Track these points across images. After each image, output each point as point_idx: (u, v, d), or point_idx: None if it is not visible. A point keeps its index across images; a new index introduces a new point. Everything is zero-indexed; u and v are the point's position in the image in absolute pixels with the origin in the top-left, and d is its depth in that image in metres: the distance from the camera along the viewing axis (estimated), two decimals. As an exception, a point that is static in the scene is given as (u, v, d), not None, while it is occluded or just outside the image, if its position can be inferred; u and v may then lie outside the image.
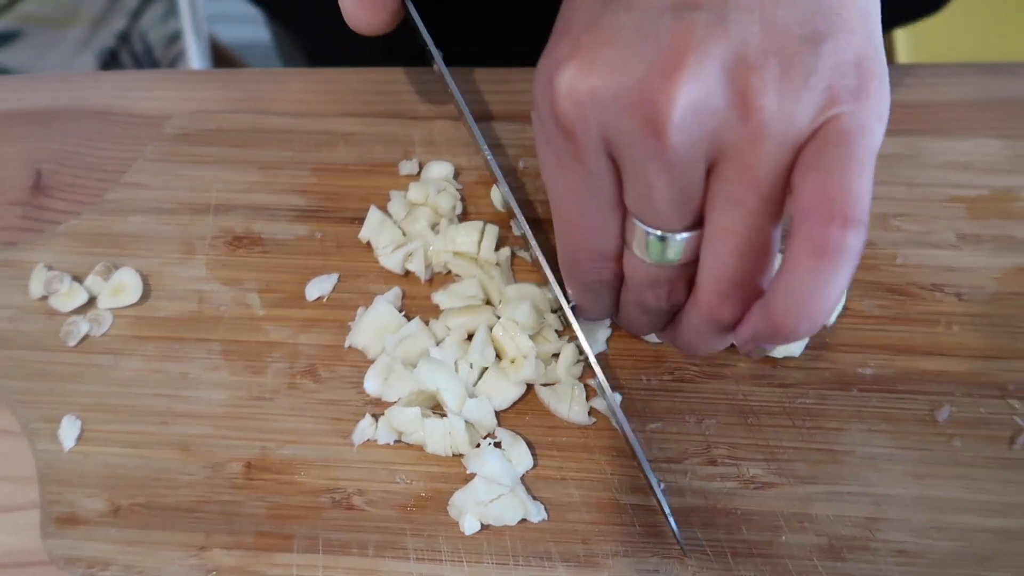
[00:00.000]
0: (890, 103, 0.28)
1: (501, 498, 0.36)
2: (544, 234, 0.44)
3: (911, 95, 0.48)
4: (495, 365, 0.39)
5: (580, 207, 0.32)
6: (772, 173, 0.28)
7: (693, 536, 0.36)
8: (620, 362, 0.40)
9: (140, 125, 0.48)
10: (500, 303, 0.41)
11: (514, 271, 0.43)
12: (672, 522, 0.35)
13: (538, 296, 0.41)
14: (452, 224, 0.43)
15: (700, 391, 0.40)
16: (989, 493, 0.37)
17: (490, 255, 0.42)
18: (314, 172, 0.46)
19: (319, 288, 0.42)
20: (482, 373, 0.39)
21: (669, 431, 0.39)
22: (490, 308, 0.41)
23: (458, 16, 0.54)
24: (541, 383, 0.39)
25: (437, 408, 0.39)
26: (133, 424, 0.39)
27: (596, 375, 0.37)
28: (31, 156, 0.48)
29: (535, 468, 0.38)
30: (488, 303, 0.41)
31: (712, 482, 0.37)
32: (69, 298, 0.42)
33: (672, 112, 0.27)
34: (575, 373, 0.40)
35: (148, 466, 0.38)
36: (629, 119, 0.28)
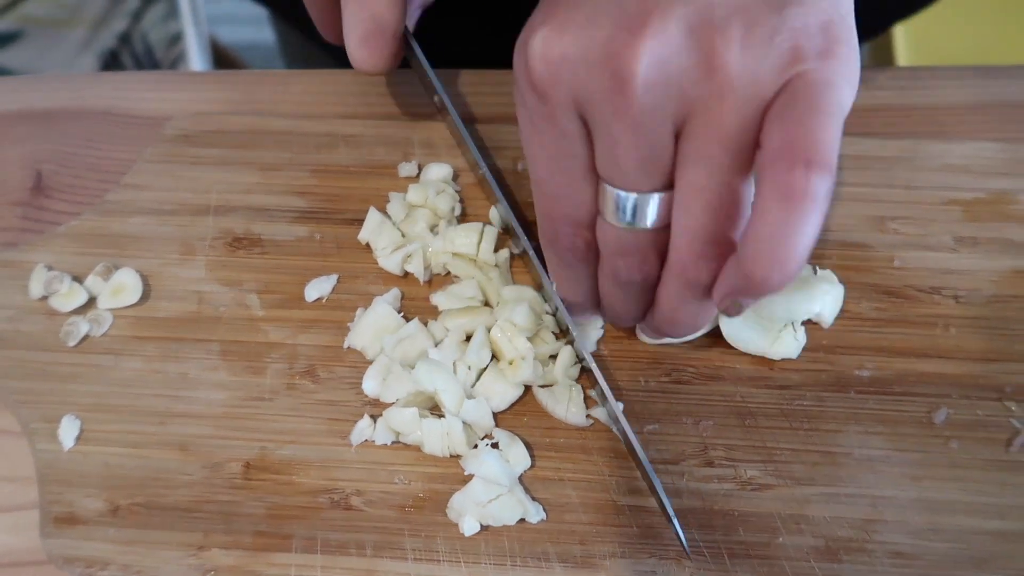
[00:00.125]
0: (860, 69, 0.29)
1: (500, 498, 0.37)
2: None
3: (909, 98, 0.48)
4: (493, 366, 0.40)
5: (553, 169, 0.32)
6: (739, 128, 0.28)
7: (691, 537, 0.36)
8: (617, 364, 0.40)
9: (140, 126, 0.48)
10: (498, 304, 0.41)
11: (513, 273, 0.43)
12: (677, 526, 0.35)
13: (535, 298, 0.41)
14: (451, 226, 0.43)
15: (697, 393, 0.40)
16: (986, 495, 0.37)
17: (489, 256, 0.42)
18: (314, 173, 0.46)
19: (318, 289, 0.42)
20: (480, 374, 0.39)
21: (666, 433, 0.39)
22: (488, 310, 0.41)
23: (458, 16, 0.54)
24: (539, 385, 0.40)
25: (435, 409, 0.39)
26: (132, 424, 0.39)
27: (598, 382, 0.37)
28: (32, 157, 0.48)
29: (533, 469, 0.38)
30: (487, 304, 0.41)
31: (709, 483, 0.38)
32: (69, 298, 0.42)
33: (637, 67, 0.28)
34: (572, 375, 0.40)
35: (147, 466, 0.39)
36: (597, 77, 0.29)
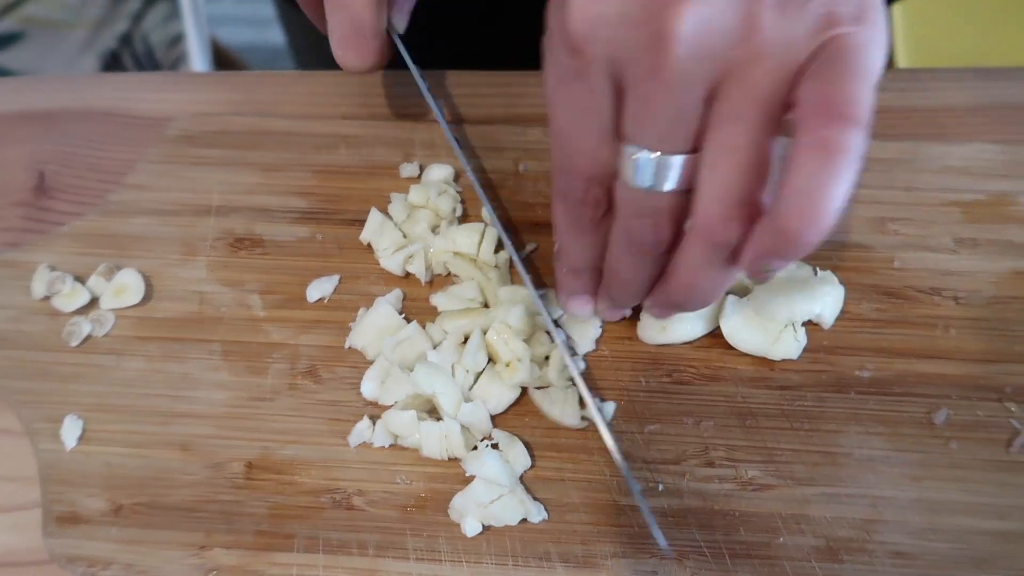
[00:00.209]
0: (886, 63, 0.29)
1: (501, 498, 0.37)
2: (543, 237, 0.44)
3: (910, 99, 0.48)
4: (490, 369, 0.40)
5: (575, 125, 0.32)
6: (773, 90, 0.29)
7: (691, 537, 0.36)
8: (618, 364, 0.40)
9: (142, 127, 0.48)
10: (495, 306, 0.41)
11: (513, 273, 0.43)
12: (657, 531, 0.35)
13: (531, 299, 0.41)
14: (452, 226, 0.43)
15: (698, 393, 0.40)
16: (986, 495, 0.37)
17: (489, 257, 0.42)
18: (315, 174, 0.46)
19: (320, 289, 0.42)
20: (477, 377, 0.40)
21: (667, 433, 0.39)
22: (485, 311, 0.41)
23: (458, 16, 0.54)
24: (535, 386, 0.40)
25: (434, 412, 0.39)
26: (134, 424, 0.40)
27: (580, 390, 0.37)
28: (34, 157, 0.48)
29: (534, 469, 0.38)
30: (486, 305, 0.41)
31: (710, 484, 0.38)
32: (71, 299, 0.42)
33: (679, 28, 0.28)
34: (566, 376, 0.40)
35: (149, 466, 0.39)
36: (636, 35, 0.29)
